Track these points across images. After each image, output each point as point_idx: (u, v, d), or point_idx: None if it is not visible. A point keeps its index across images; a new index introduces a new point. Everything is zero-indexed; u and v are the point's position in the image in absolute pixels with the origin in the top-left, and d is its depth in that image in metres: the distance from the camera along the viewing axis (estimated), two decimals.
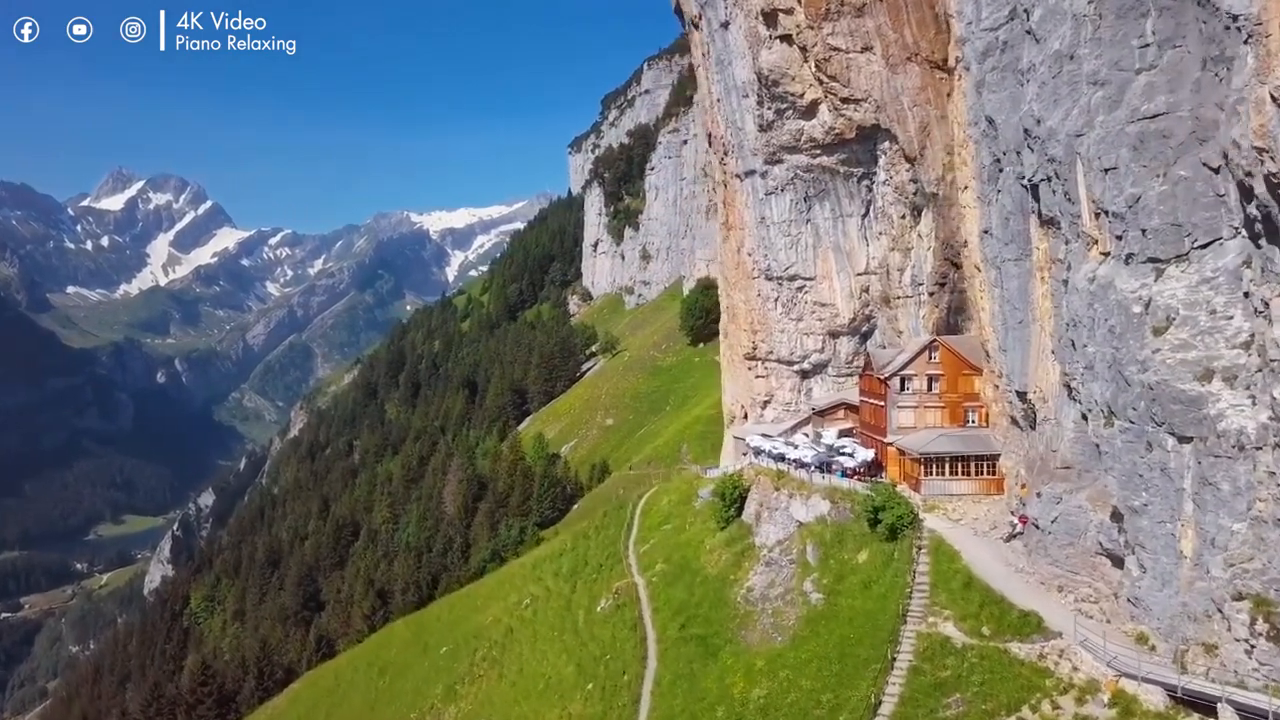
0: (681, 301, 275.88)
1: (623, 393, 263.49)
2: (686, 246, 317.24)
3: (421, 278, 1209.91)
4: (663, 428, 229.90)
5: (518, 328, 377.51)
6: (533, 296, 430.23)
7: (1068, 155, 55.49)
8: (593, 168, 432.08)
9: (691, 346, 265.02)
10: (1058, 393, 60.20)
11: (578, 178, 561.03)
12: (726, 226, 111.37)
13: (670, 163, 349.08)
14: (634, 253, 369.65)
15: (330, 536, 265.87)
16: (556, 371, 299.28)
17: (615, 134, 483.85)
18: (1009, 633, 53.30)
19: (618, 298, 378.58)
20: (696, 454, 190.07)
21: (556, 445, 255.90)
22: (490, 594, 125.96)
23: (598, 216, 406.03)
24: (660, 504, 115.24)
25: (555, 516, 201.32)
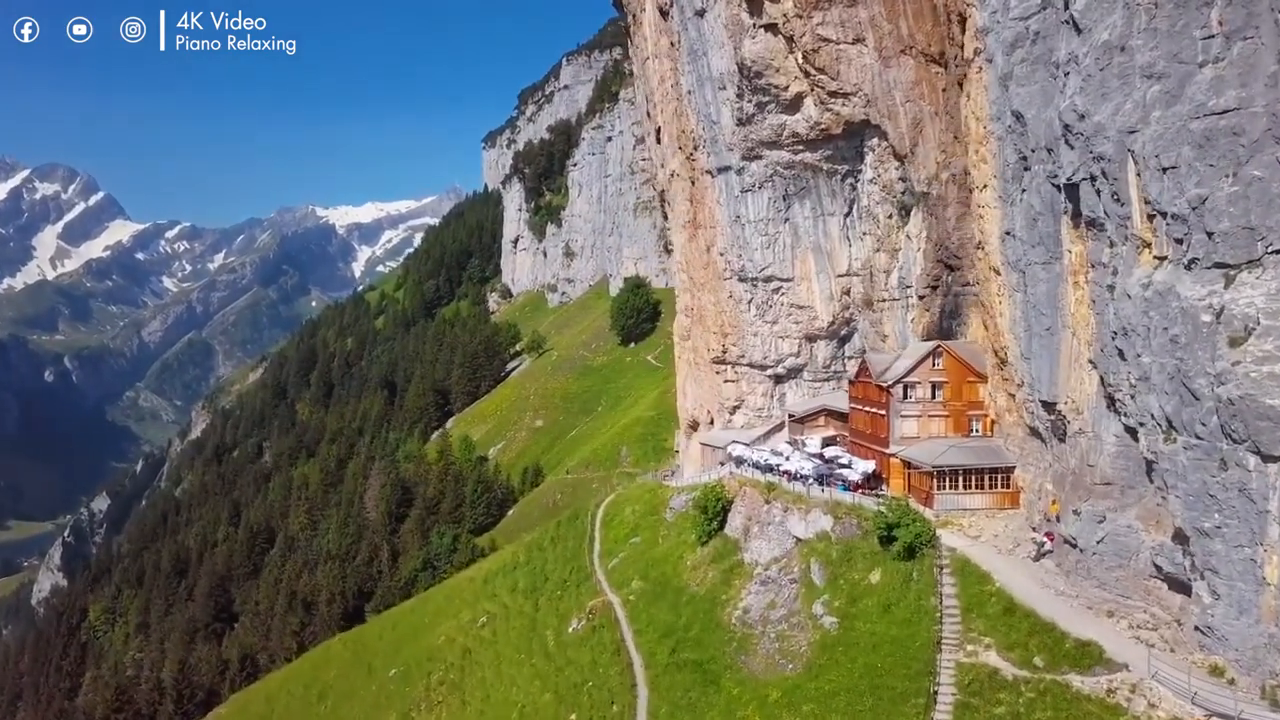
0: (612, 300, 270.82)
1: (552, 393, 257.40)
2: (613, 244, 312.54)
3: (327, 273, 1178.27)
4: (596, 429, 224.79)
5: (436, 325, 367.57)
6: (450, 293, 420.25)
7: (1118, 153, 52.08)
8: (512, 163, 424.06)
9: (623, 346, 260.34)
10: (1095, 404, 56.94)
11: (492, 173, 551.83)
12: (693, 225, 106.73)
13: (594, 159, 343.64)
14: (557, 250, 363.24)
15: (244, 544, 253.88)
16: (481, 371, 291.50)
17: (533, 129, 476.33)
18: (1066, 664, 49.69)
19: (540, 295, 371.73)
20: (637, 457, 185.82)
21: (484, 447, 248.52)
22: (438, 610, 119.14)
23: (518, 212, 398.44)
24: (623, 514, 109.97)
25: (489, 523, 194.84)
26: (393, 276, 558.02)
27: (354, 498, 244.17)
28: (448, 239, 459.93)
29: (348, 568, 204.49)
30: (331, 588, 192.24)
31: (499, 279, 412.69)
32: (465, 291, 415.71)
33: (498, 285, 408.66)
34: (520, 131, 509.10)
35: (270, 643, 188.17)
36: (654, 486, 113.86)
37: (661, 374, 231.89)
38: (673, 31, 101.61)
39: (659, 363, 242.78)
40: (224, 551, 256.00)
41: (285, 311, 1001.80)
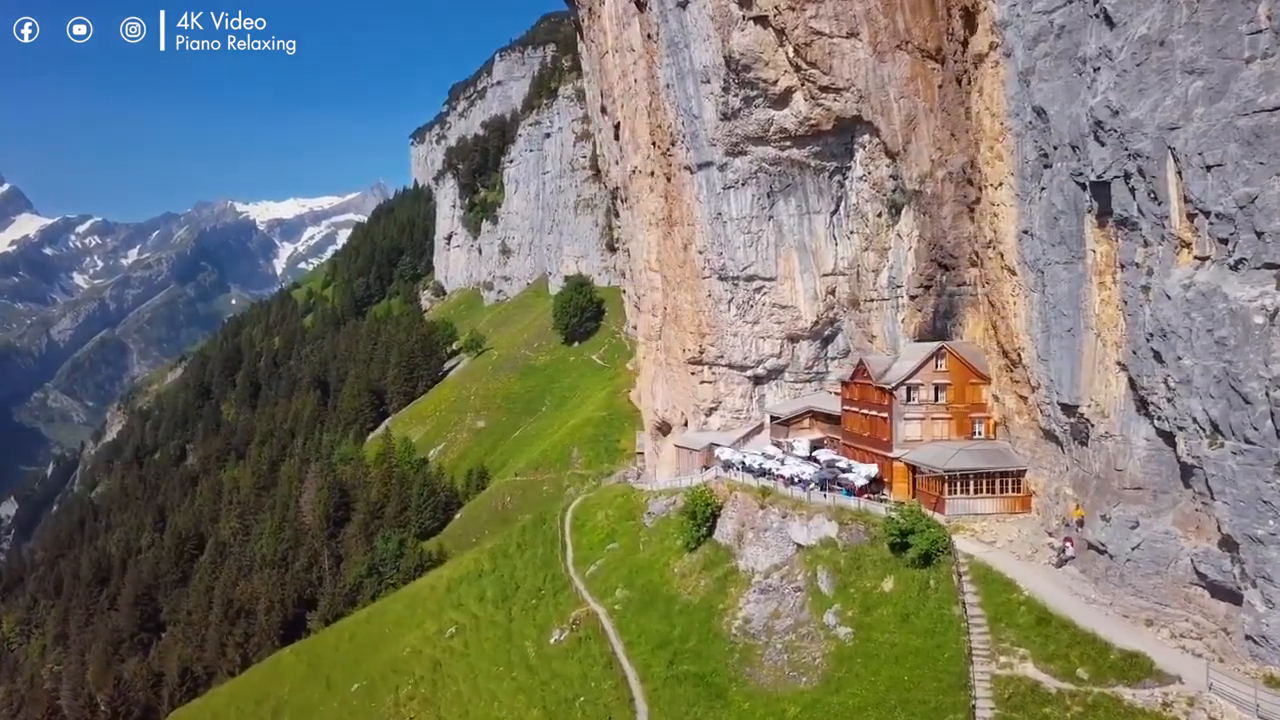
0: (554, 299, 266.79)
1: (494, 393, 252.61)
2: (553, 242, 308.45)
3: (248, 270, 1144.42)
4: (542, 430, 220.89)
5: (368, 323, 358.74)
6: (381, 291, 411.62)
7: (1157, 150, 50.78)
8: (445, 159, 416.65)
9: (566, 345, 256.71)
10: (1123, 407, 55.73)
11: (420, 169, 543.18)
12: (668, 222, 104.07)
13: (532, 156, 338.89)
14: (492, 247, 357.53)
15: (171, 550, 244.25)
16: (418, 371, 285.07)
17: (465, 125, 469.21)
18: (1113, 676, 48.19)
19: (475, 293, 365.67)
20: (589, 459, 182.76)
21: (423, 449, 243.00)
22: (399, 620, 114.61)
23: (451, 209, 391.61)
24: (594, 519, 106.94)
25: (436, 527, 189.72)
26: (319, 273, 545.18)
27: (289, 501, 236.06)
28: (378, 235, 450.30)
29: (286, 574, 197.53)
30: (270, 595, 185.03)
31: (431, 276, 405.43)
32: (397, 289, 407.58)
33: (430, 283, 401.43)
34: (451, 127, 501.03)
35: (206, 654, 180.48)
36: (625, 490, 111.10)
37: (608, 374, 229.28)
38: (650, 23, 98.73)
39: (604, 362, 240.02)
40: (149, 558, 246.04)
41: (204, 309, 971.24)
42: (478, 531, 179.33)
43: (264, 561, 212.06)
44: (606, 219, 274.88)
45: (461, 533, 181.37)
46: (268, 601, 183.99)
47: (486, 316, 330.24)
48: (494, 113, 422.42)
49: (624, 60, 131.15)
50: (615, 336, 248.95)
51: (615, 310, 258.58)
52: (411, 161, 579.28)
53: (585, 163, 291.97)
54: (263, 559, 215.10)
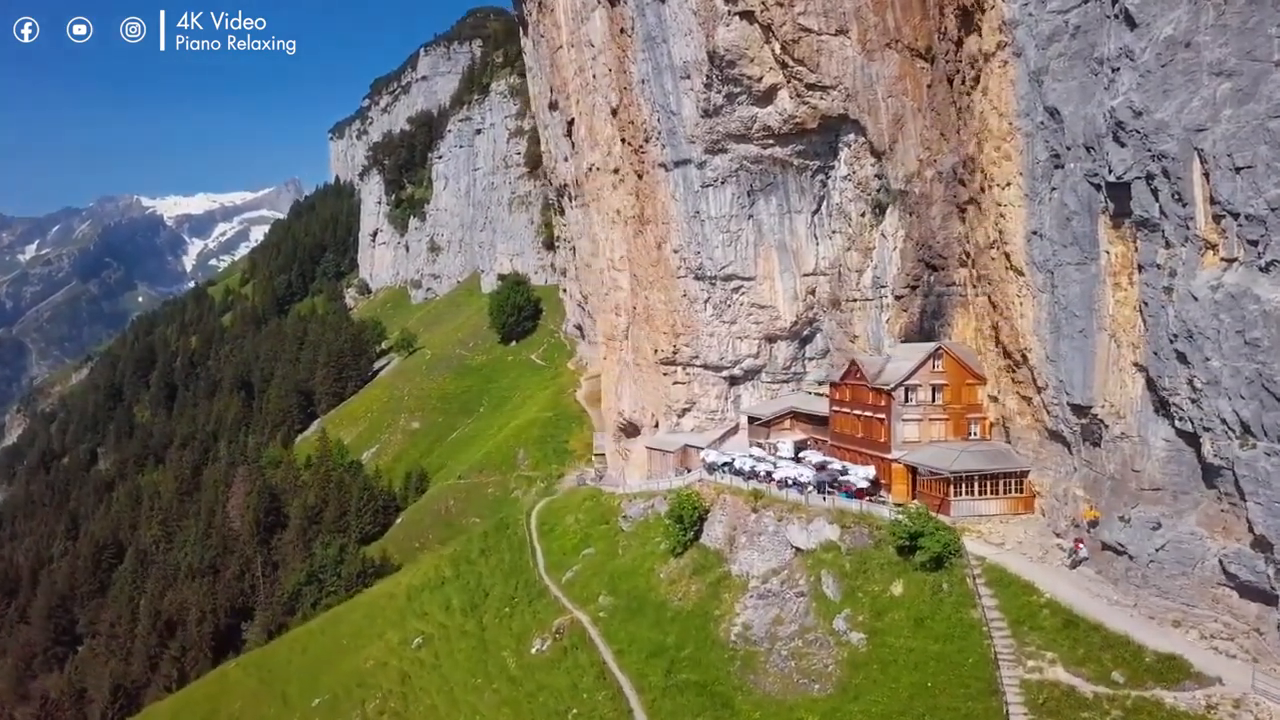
0: (490, 297, 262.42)
1: (428, 393, 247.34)
2: (485, 239, 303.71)
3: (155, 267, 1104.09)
4: (482, 431, 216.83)
5: (292, 322, 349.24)
6: (304, 289, 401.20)
7: (1183, 151, 50.84)
8: (371, 154, 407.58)
9: (503, 345, 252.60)
10: (1140, 408, 55.80)
11: (340, 164, 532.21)
12: (640, 221, 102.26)
13: (462, 152, 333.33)
14: (420, 244, 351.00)
15: (87, 560, 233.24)
16: (347, 371, 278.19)
17: (389, 120, 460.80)
18: (1150, 679, 48.03)
19: (403, 291, 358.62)
20: (536, 460, 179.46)
21: (356, 451, 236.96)
22: (357, 631, 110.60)
23: (377, 205, 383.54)
24: (564, 523, 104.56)
25: (377, 532, 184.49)
26: (236, 271, 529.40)
27: (215, 507, 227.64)
28: (299, 232, 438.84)
29: (217, 583, 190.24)
30: (202, 605, 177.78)
31: (356, 274, 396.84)
32: (320, 287, 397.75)
33: (355, 281, 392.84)
34: (373, 123, 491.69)
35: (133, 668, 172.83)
36: (593, 493, 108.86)
37: (549, 373, 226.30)
38: (624, 17, 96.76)
39: (544, 362, 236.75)
40: (63, 568, 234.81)
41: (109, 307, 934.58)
42: (421, 536, 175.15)
43: (191, 570, 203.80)
44: (543, 216, 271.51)
45: (404, 537, 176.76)
46: (199, 612, 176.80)
47: (416, 315, 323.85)
48: (420, 108, 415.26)
49: (581, 55, 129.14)
50: (554, 336, 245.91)
51: (553, 309, 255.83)
52: (330, 157, 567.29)
53: (520, 159, 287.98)
54: (190, 567, 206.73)
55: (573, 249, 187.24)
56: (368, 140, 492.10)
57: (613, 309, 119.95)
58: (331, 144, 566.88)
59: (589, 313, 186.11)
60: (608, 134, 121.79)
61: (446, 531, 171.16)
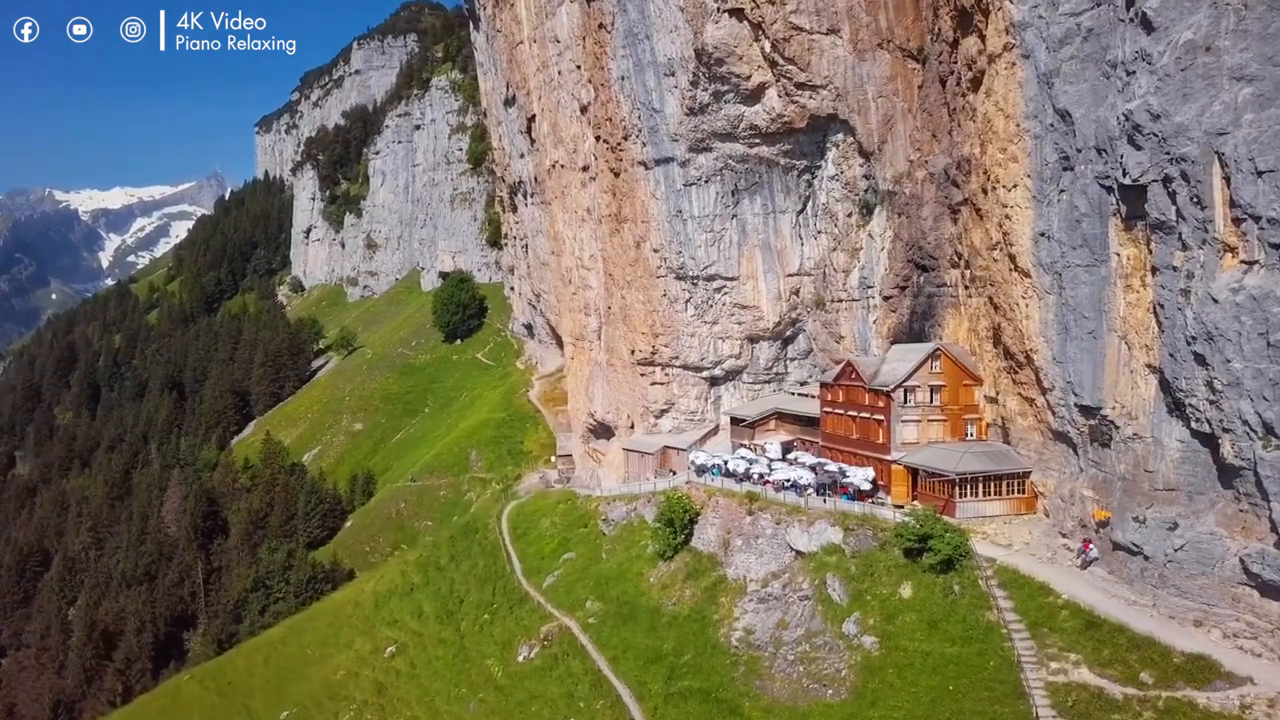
0: (433, 295, 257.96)
1: (371, 394, 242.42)
2: (426, 236, 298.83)
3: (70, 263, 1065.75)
4: (429, 432, 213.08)
5: (222, 320, 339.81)
6: (234, 286, 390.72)
7: (1204, 155, 51.35)
8: (304, 149, 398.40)
9: (447, 344, 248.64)
10: (1154, 409, 56.28)
11: (268, 159, 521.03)
12: (618, 219, 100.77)
13: (400, 148, 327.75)
14: (357, 241, 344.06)
15: (10, 568, 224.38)
16: (285, 371, 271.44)
17: (320, 115, 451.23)
18: (1179, 679, 48.26)
19: (338, 289, 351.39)
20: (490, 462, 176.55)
21: (297, 453, 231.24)
22: (322, 640, 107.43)
23: (311, 201, 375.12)
24: (539, 527, 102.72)
25: (325, 537, 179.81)
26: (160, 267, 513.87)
27: (149, 512, 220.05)
28: (228, 228, 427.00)
29: (155, 591, 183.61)
30: (141, 615, 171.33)
31: (289, 271, 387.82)
32: (251, 285, 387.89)
33: (288, 278, 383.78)
34: (303, 116, 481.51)
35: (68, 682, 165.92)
36: (566, 495, 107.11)
37: (497, 373, 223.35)
38: (604, 12, 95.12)
39: (491, 361, 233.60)
40: None
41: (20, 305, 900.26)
42: (371, 540, 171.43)
43: (126, 578, 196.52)
44: (488, 213, 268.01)
45: (354, 542, 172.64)
46: (138, 621, 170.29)
47: (354, 313, 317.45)
48: (355, 102, 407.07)
49: (545, 51, 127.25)
50: (500, 334, 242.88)
51: (499, 307, 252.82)
52: (257, 151, 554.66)
53: (462, 155, 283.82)
54: (124, 575, 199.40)
55: (525, 246, 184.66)
56: (298, 135, 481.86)
57: (581, 308, 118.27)
58: (258, 138, 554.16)
59: (541, 311, 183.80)
60: (574, 131, 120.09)
61: (398, 535, 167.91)
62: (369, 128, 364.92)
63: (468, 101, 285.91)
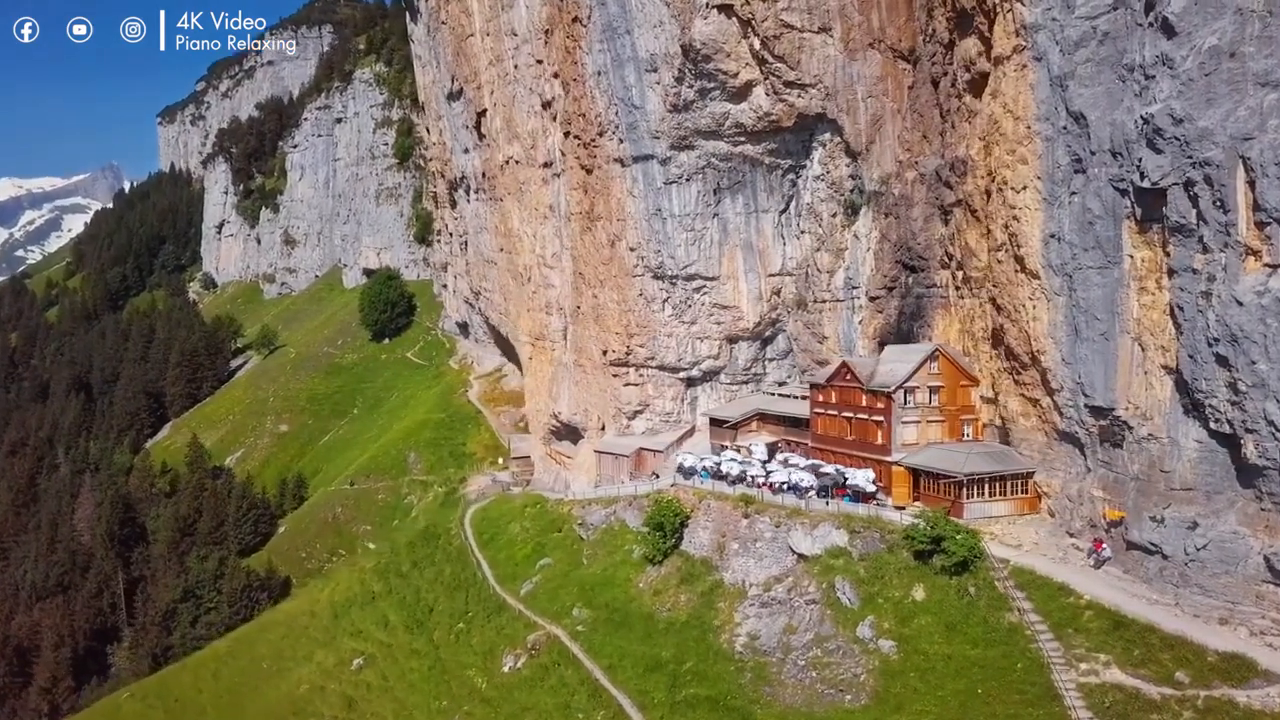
0: (362, 293, 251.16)
1: (296, 394, 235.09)
2: (349, 232, 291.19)
3: None
4: (361, 433, 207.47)
5: (130, 317, 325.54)
6: (141, 283, 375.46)
7: (1228, 159, 52.10)
8: (216, 141, 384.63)
9: (375, 342, 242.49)
10: (1169, 410, 57.02)
11: (172, 151, 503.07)
12: (590, 217, 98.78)
13: (320, 141, 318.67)
14: (274, 237, 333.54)
15: None
16: (202, 371, 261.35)
17: (230, 106, 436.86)
18: (1216, 678, 48.74)
19: (254, 286, 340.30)
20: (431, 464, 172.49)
21: (219, 455, 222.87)
22: (279, 653, 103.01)
23: (223, 195, 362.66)
24: (508, 532, 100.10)
25: (258, 543, 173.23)
26: (57, 262, 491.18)
27: (58, 520, 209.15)
28: (133, 222, 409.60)
29: (72, 604, 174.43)
30: (58, 628, 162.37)
31: (199, 267, 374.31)
32: (159, 281, 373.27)
33: (198, 274, 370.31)
34: (210, 107, 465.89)
35: None
36: (534, 499, 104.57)
37: (430, 372, 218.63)
38: (580, 6, 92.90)
39: (423, 360, 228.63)
40: None
41: None
42: (308, 546, 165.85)
43: (37, 590, 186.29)
44: (415, 209, 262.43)
45: (289, 548, 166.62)
46: (55, 636, 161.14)
47: (272, 311, 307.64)
48: (268, 94, 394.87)
49: (500, 45, 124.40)
50: (431, 333, 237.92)
51: (428, 305, 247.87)
52: (160, 142, 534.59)
53: (388, 150, 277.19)
54: (34, 587, 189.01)
55: (464, 243, 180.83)
56: (205, 126, 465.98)
57: (542, 307, 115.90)
58: (161, 129, 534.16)
59: (480, 309, 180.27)
60: (532, 126, 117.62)
61: (336, 540, 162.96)
62: (285, 120, 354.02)
63: (393, 95, 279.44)
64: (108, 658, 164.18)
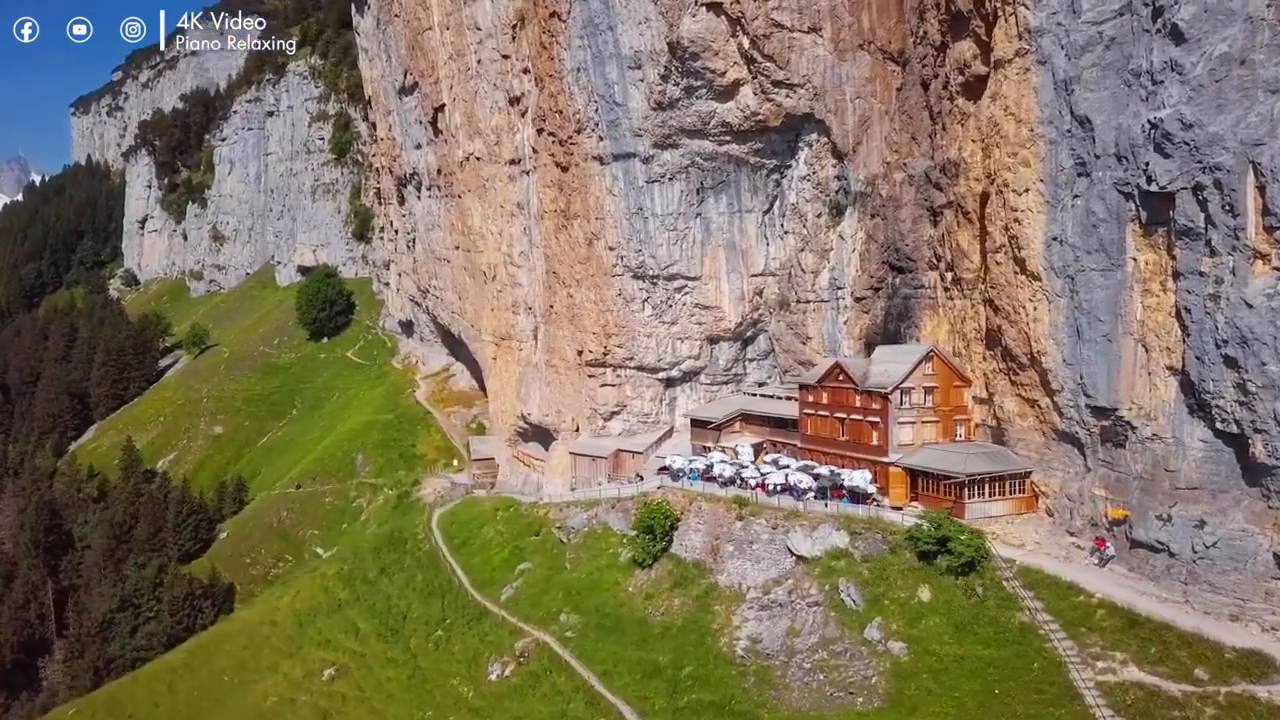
0: (299, 291, 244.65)
1: (231, 395, 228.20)
2: (283, 229, 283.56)
3: None
4: (302, 435, 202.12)
5: (47, 315, 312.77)
6: (57, 279, 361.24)
7: (1239, 164, 53.10)
8: (139, 133, 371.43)
9: (313, 341, 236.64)
10: (1174, 410, 57.98)
11: (86, 142, 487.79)
12: (565, 215, 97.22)
13: (251, 135, 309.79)
14: (202, 233, 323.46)
15: None
16: (129, 371, 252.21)
17: (151, 97, 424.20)
18: (1235, 675, 49.62)
19: (180, 283, 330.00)
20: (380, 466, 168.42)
21: (150, 458, 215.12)
22: (240, 664, 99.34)
23: (146, 189, 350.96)
24: (481, 536, 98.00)
25: (198, 549, 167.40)
26: None
27: None
28: (48, 216, 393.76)
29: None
30: None
31: (121, 264, 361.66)
32: (77, 278, 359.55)
33: (119, 271, 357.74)
34: (129, 98, 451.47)
35: None
36: (506, 502, 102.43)
37: (372, 372, 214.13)
38: (559, 1, 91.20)
39: (364, 359, 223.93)
40: None
41: None
42: (252, 551, 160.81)
43: None
44: (353, 205, 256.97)
45: (232, 555, 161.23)
46: None
47: (201, 309, 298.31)
48: (193, 85, 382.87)
49: (461, 39, 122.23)
50: (371, 332, 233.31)
51: (367, 304, 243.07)
52: (74, 134, 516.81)
53: (325, 145, 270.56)
54: None
55: (411, 241, 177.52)
56: (123, 117, 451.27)
57: (509, 307, 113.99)
58: (75, 120, 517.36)
59: (428, 308, 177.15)
60: (497, 122, 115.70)
61: (282, 545, 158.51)
62: (212, 112, 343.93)
63: (330, 89, 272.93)
64: (39, 671, 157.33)
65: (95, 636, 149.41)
